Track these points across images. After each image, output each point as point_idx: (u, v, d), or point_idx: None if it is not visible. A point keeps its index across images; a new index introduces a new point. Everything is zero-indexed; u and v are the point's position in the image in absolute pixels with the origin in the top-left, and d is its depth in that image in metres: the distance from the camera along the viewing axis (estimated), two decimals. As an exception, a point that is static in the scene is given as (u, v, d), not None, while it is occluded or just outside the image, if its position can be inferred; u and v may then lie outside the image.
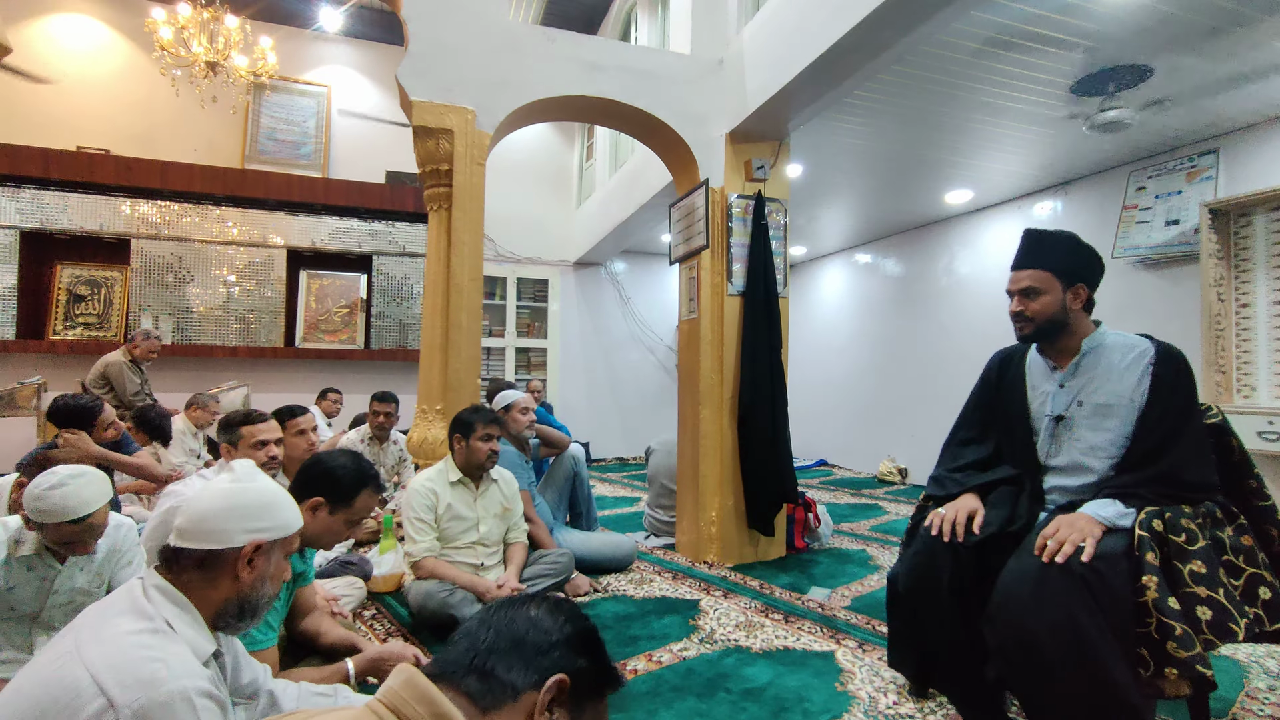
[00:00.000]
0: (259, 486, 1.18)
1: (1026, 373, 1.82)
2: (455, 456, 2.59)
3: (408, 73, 3.08)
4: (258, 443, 2.29)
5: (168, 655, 0.95)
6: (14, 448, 5.09)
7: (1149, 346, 1.64)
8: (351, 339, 6.30)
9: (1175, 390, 1.58)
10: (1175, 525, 1.44)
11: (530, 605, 0.80)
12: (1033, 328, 1.71)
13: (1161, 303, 4.10)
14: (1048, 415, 1.72)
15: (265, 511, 1.15)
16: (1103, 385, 1.64)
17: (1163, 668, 1.33)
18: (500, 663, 0.73)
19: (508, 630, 0.76)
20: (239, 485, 1.16)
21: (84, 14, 5.92)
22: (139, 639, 0.95)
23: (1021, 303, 1.71)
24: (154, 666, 0.91)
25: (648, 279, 7.84)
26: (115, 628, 0.96)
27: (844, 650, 2.25)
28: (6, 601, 1.68)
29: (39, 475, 1.61)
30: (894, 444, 6.23)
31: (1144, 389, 1.59)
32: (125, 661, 0.91)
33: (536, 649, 0.75)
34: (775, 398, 3.38)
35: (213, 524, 1.10)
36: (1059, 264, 1.68)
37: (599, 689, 0.81)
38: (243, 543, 1.11)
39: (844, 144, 4.15)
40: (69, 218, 5.39)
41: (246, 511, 1.13)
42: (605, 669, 0.81)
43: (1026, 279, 1.70)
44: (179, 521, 1.12)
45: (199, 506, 1.12)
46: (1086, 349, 1.70)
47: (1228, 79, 3.20)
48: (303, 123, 6.49)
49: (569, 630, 0.79)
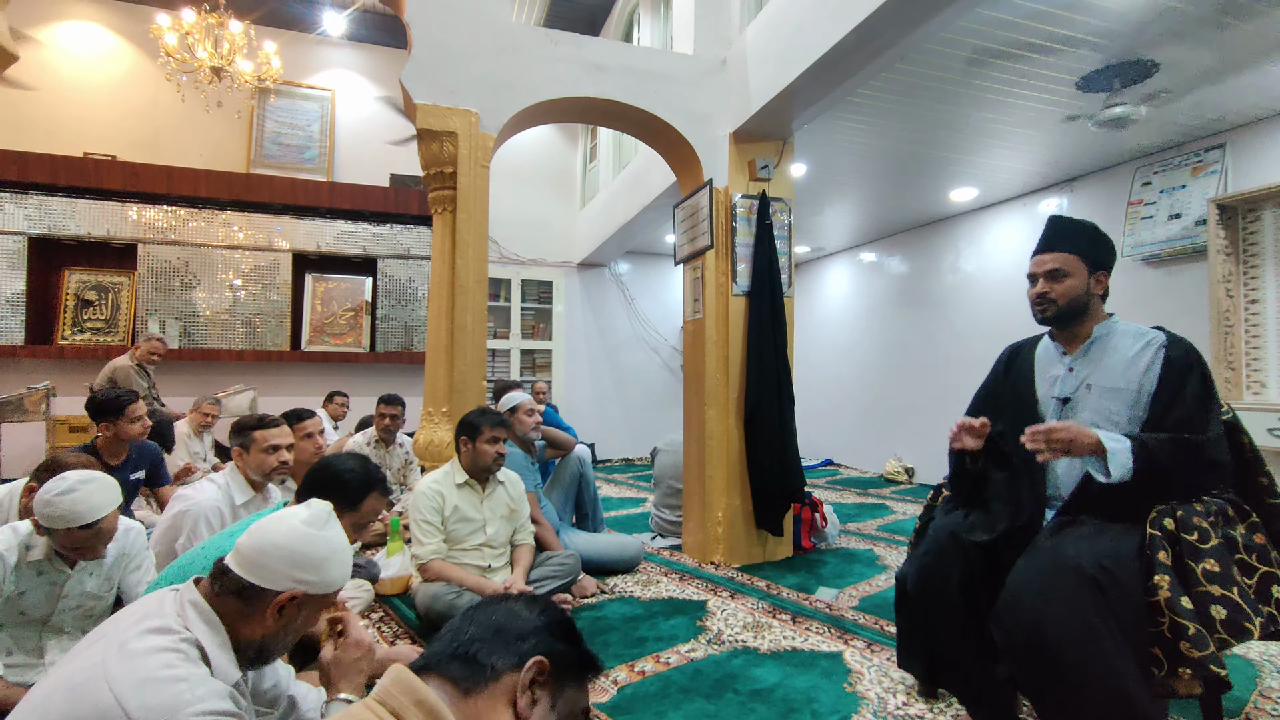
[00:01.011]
0: (324, 536, 1.15)
1: (1036, 360, 1.82)
2: (461, 459, 2.60)
3: (411, 76, 3.09)
4: (270, 447, 2.29)
5: (190, 675, 0.95)
6: (23, 453, 5.13)
7: (1160, 336, 1.63)
8: (357, 342, 6.31)
9: (1189, 371, 1.55)
10: (1187, 524, 1.43)
11: (508, 600, 0.88)
12: (1056, 310, 1.69)
13: (1168, 300, 4.07)
14: (1054, 398, 1.72)
15: (317, 565, 1.12)
16: (1112, 370, 1.64)
17: (1176, 667, 1.32)
18: (481, 649, 0.80)
19: (487, 621, 0.84)
20: (306, 531, 1.13)
21: (90, 21, 5.95)
22: (163, 657, 0.95)
23: (1047, 284, 1.69)
24: (178, 688, 0.92)
25: (652, 280, 7.84)
26: (142, 643, 0.96)
27: (852, 651, 2.25)
28: (17, 606, 1.69)
29: (49, 480, 1.61)
30: (900, 443, 6.21)
31: (1154, 375, 1.58)
32: (148, 681, 0.91)
33: (516, 635, 0.82)
34: (781, 397, 3.37)
35: (266, 560, 1.08)
36: (1085, 249, 1.67)
37: (578, 672, 0.87)
38: (283, 588, 1.09)
39: (848, 143, 4.14)
40: (76, 223, 5.43)
41: (299, 560, 1.10)
42: (583, 654, 0.88)
43: (1052, 261, 1.68)
44: (243, 540, 1.11)
45: (265, 537, 1.10)
46: (1098, 334, 1.69)
47: (1234, 73, 3.17)
48: (307, 127, 6.51)
49: (545, 619, 0.86)
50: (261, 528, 1.12)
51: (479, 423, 2.55)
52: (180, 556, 1.81)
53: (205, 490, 2.21)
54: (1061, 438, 1.47)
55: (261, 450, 2.28)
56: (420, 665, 0.80)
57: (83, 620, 1.81)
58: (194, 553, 1.68)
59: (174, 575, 1.58)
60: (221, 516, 2.17)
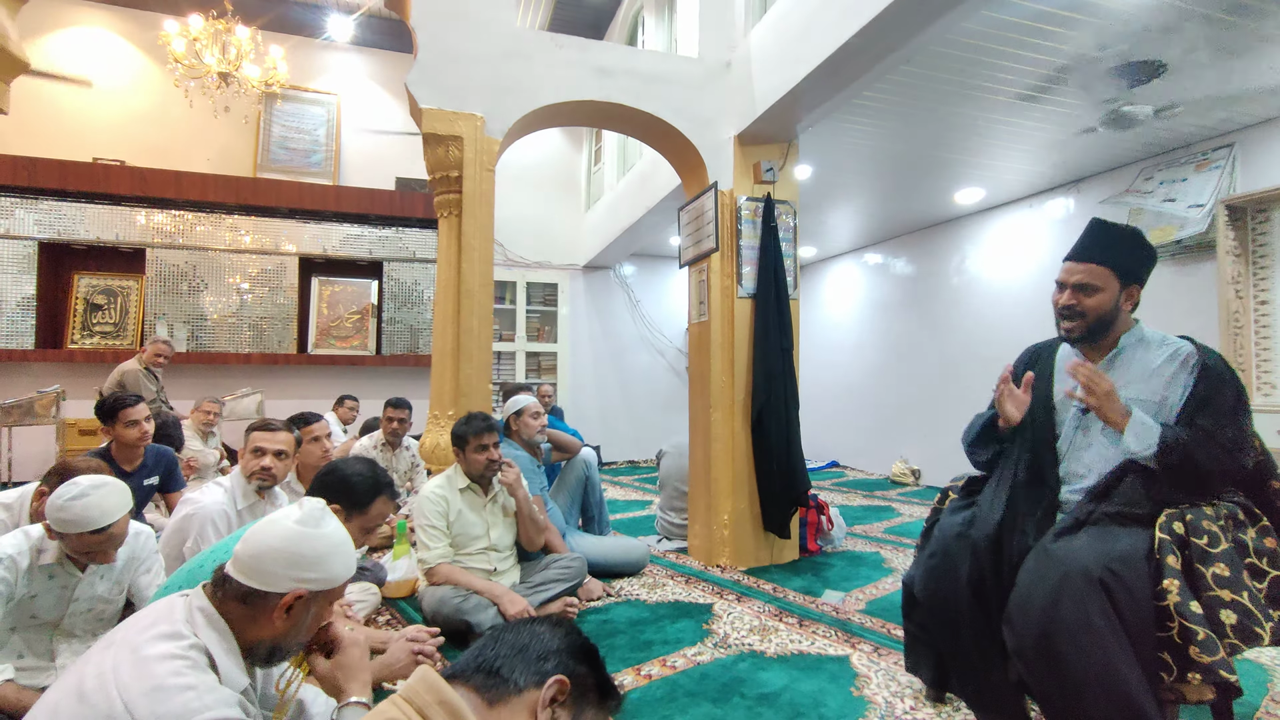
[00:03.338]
0: (320, 534, 1.13)
1: (1057, 365, 1.78)
2: (460, 465, 2.61)
3: (417, 80, 3.10)
4: (255, 449, 2.22)
5: (199, 683, 0.96)
6: (33, 456, 5.17)
7: (1189, 348, 1.59)
8: (363, 345, 6.34)
9: (1224, 383, 1.54)
10: (1197, 528, 1.42)
11: (533, 623, 0.92)
12: (1083, 327, 1.63)
13: (1176, 300, 4.04)
14: (1075, 406, 1.68)
15: (317, 563, 1.11)
16: (1136, 381, 1.60)
17: (1186, 673, 1.31)
18: (505, 665, 0.84)
19: (513, 640, 0.88)
20: (300, 530, 1.12)
21: (99, 27, 6.01)
22: (172, 665, 0.96)
23: (1074, 297, 1.62)
24: (186, 696, 0.93)
25: (657, 282, 7.84)
26: (152, 649, 0.97)
27: (859, 654, 2.24)
28: (29, 609, 1.71)
29: (61, 486, 1.63)
30: (906, 445, 6.19)
31: (1179, 386, 1.56)
32: (157, 689, 0.92)
33: (538, 655, 0.86)
34: (787, 400, 3.36)
35: (265, 564, 1.08)
36: (1121, 261, 1.60)
37: (599, 698, 0.90)
38: (286, 589, 1.08)
39: (853, 145, 4.13)
40: (86, 228, 5.47)
41: (298, 560, 1.10)
42: (604, 680, 0.91)
43: (1084, 273, 1.61)
44: (240, 548, 1.10)
45: (260, 542, 1.10)
46: (1124, 344, 1.65)
47: (1242, 73, 3.16)
48: (313, 131, 6.55)
49: (567, 641, 0.89)
50: (256, 533, 1.11)
51: (464, 433, 2.55)
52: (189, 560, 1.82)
53: (212, 493, 2.21)
54: (1104, 388, 1.49)
55: (249, 451, 2.23)
56: (448, 674, 0.84)
57: (93, 623, 1.82)
58: (203, 556, 1.69)
59: (183, 579, 1.58)
60: (228, 520, 2.17)
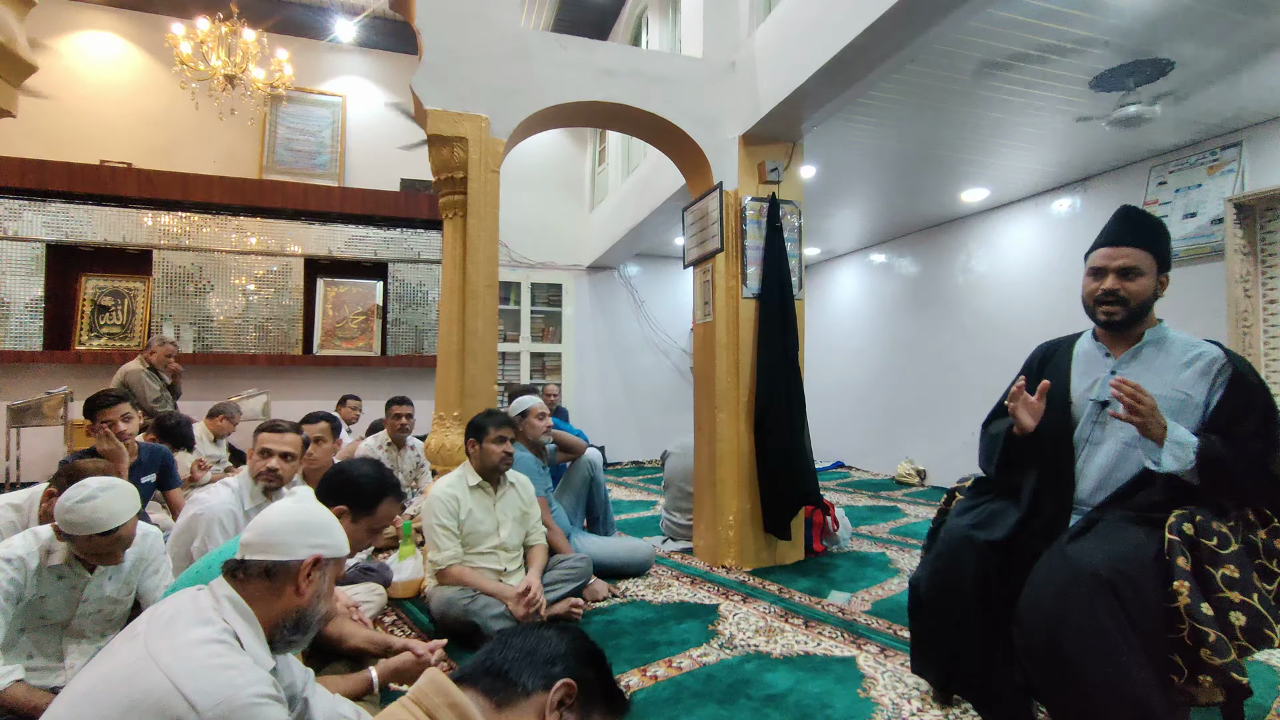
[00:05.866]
0: (320, 508, 1.26)
1: (1074, 359, 1.75)
2: (471, 460, 2.62)
3: (422, 82, 3.11)
4: (263, 450, 2.26)
5: (238, 663, 1.01)
6: (41, 457, 5.20)
7: (1217, 352, 1.57)
8: (368, 345, 6.35)
9: (1257, 392, 1.52)
10: (1207, 529, 1.41)
11: (541, 627, 0.94)
12: (1125, 311, 1.59)
13: (1185, 300, 4.01)
14: (1091, 400, 1.66)
15: (325, 530, 1.22)
16: (1160, 377, 1.58)
17: (1196, 674, 1.31)
18: (513, 668, 0.86)
19: (521, 644, 0.89)
20: (301, 505, 1.24)
21: (106, 30, 6.04)
22: (210, 648, 1.01)
23: (1118, 282, 1.58)
24: (229, 674, 0.98)
25: (661, 282, 7.84)
26: (187, 635, 1.02)
27: (865, 656, 2.23)
28: (38, 610, 1.71)
29: (69, 488, 1.64)
30: (912, 445, 6.17)
31: (1207, 390, 1.54)
32: (202, 669, 0.96)
33: (546, 659, 0.87)
34: (792, 400, 3.36)
35: (279, 536, 1.16)
36: (1158, 247, 1.59)
37: (606, 703, 0.91)
38: (304, 556, 1.16)
39: (858, 144, 4.12)
40: (93, 230, 5.50)
41: (310, 527, 1.20)
42: (611, 686, 0.93)
43: (1128, 257, 1.58)
44: (246, 535, 1.17)
45: (267, 521, 1.19)
46: (1149, 339, 1.63)
47: (1250, 71, 3.13)
48: (318, 133, 6.57)
49: (575, 645, 0.91)
50: (260, 519, 1.20)
51: (485, 423, 2.58)
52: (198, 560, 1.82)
53: (219, 494, 2.22)
54: (1148, 403, 1.43)
55: (256, 452, 2.27)
56: (456, 677, 0.86)
57: (102, 624, 1.83)
58: (211, 556, 1.69)
59: (193, 578, 1.59)
60: (235, 520, 2.18)
